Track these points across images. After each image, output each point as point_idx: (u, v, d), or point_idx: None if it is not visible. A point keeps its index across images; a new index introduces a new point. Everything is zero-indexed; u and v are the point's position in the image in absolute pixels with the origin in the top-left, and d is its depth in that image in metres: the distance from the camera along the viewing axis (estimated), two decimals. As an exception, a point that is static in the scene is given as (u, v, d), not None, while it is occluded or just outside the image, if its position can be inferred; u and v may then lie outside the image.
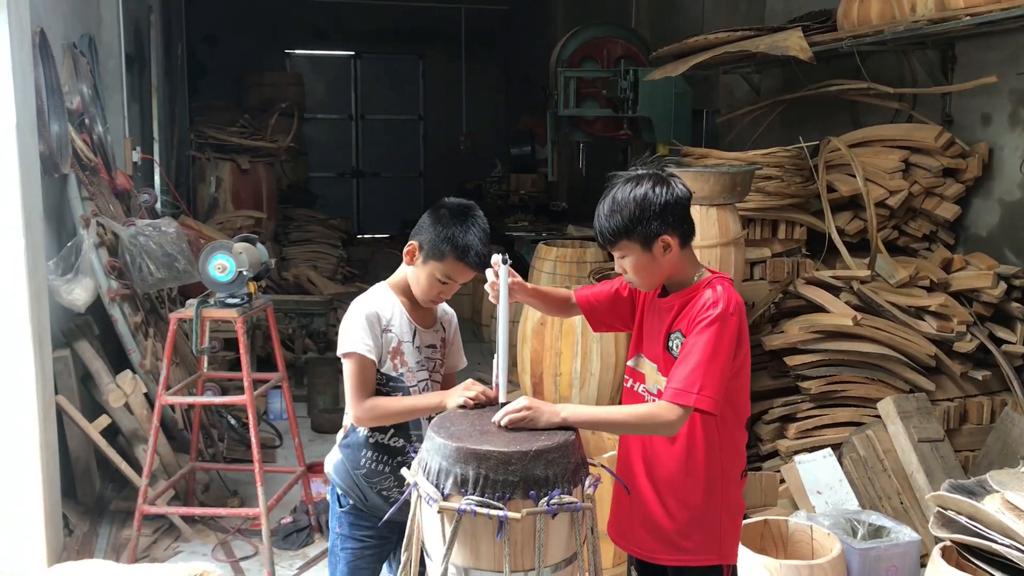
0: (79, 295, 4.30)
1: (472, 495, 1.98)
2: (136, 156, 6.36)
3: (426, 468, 2.09)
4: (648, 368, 2.34)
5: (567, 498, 2.01)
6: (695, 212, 2.30)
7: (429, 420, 2.51)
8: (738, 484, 2.37)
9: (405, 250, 2.51)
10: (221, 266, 3.99)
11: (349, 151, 14.29)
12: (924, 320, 4.19)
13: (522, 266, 6.16)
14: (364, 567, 2.61)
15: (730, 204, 4.07)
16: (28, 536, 3.62)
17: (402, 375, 2.51)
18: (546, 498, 1.99)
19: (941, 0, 4.20)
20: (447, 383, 2.67)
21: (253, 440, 3.94)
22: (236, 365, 4.99)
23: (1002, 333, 4.23)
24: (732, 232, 4.05)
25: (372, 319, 2.47)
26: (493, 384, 2.32)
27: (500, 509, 1.96)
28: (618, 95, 6.69)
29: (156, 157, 7.55)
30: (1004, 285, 4.24)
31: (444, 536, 2.01)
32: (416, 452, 2.44)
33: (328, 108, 13.81)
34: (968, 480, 2.90)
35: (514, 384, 5.00)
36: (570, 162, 9.30)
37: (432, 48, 14.14)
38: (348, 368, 2.45)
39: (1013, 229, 4.47)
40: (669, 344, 2.26)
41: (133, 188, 5.73)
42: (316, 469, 4.63)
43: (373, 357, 2.45)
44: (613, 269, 2.38)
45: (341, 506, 2.60)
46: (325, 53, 13.97)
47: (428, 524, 2.09)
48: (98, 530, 4.24)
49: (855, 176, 4.57)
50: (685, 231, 2.24)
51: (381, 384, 2.51)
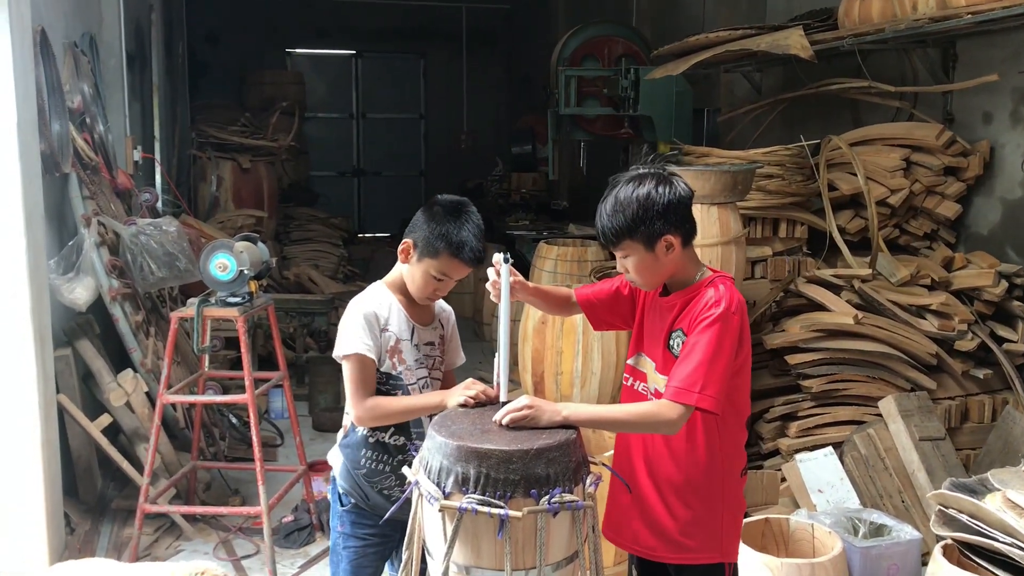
0: (80, 294, 4.30)
1: (473, 494, 1.98)
2: (137, 155, 6.36)
3: (427, 467, 2.09)
4: (649, 367, 2.34)
5: (568, 497, 2.01)
6: (696, 211, 2.30)
7: (430, 418, 2.51)
8: (739, 482, 2.37)
9: (400, 248, 2.50)
10: (222, 265, 3.99)
11: (350, 150, 14.28)
12: (925, 319, 4.19)
13: (523, 265, 6.15)
14: (366, 566, 2.60)
15: (731, 203, 4.07)
16: (30, 535, 3.62)
17: (401, 373, 2.51)
18: (547, 497, 1.99)
19: (942, -2, 4.20)
20: (446, 380, 2.67)
21: (254, 439, 3.94)
22: (237, 364, 4.99)
23: (1003, 331, 4.23)
24: (733, 231, 4.05)
25: (370, 319, 2.47)
26: (494, 383, 2.32)
27: (501, 508, 1.96)
28: (619, 94, 6.69)
29: (157, 156, 7.55)
30: (1005, 283, 4.24)
31: (445, 535, 2.01)
32: (417, 451, 2.45)
33: (329, 107, 13.80)
34: (969, 479, 2.90)
35: (515, 383, 5.00)
36: (571, 161, 9.31)
37: (433, 47, 14.13)
38: (348, 369, 2.45)
39: (1014, 227, 4.47)
40: (670, 343, 2.26)
41: (134, 187, 5.73)
42: (317, 468, 4.64)
43: (373, 356, 2.45)
44: (614, 268, 2.38)
45: (343, 505, 2.60)
46: (326, 52, 13.96)
47: (429, 523, 2.09)
48: (100, 529, 4.24)
49: (856, 175, 4.57)
50: (687, 230, 2.24)
51: (380, 383, 2.50)
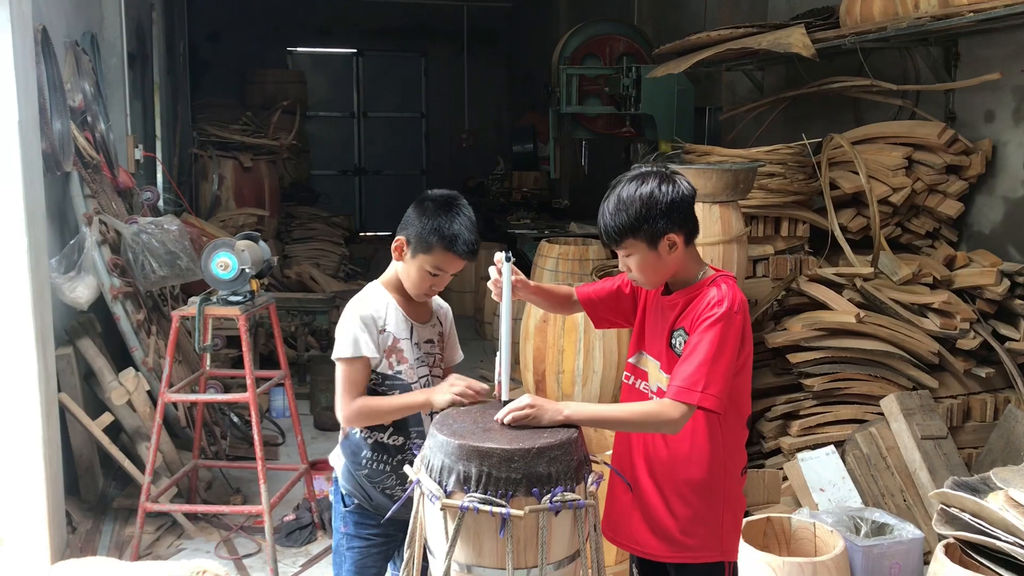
0: (82, 293, 4.30)
1: (475, 492, 1.98)
2: (138, 154, 6.36)
3: (429, 465, 2.08)
4: (650, 365, 2.33)
5: (570, 495, 2.01)
6: (698, 209, 2.30)
7: (431, 417, 2.51)
8: (739, 481, 2.37)
9: (393, 246, 2.50)
10: (223, 264, 3.99)
11: (351, 149, 14.28)
12: (927, 317, 4.19)
13: (524, 264, 6.15)
14: (370, 566, 2.60)
15: (733, 201, 4.07)
16: (31, 533, 3.62)
17: (399, 373, 2.50)
18: (549, 495, 1.99)
19: (944, -4, 4.20)
20: (445, 378, 2.66)
21: (256, 438, 3.94)
22: (239, 363, 5.00)
23: (1005, 330, 4.22)
24: (735, 229, 4.04)
25: (368, 321, 2.46)
26: (495, 382, 2.32)
27: (503, 506, 1.96)
28: (620, 92, 6.68)
29: (158, 155, 7.55)
30: (1007, 282, 4.23)
31: (447, 533, 2.01)
32: (417, 450, 2.44)
33: (330, 106, 13.80)
34: (971, 477, 2.90)
35: (516, 381, 5.00)
36: (572, 159, 9.30)
37: (434, 45, 14.13)
38: (341, 370, 2.46)
39: (1016, 226, 4.46)
40: (672, 342, 2.25)
41: (135, 186, 5.74)
42: (319, 466, 4.64)
43: (370, 355, 2.45)
44: (615, 267, 2.38)
45: (346, 505, 2.59)
46: (327, 51, 13.96)
47: (431, 521, 2.09)
48: (101, 528, 4.25)
49: (858, 173, 4.57)
50: (690, 229, 2.24)
51: (377, 383, 2.50)
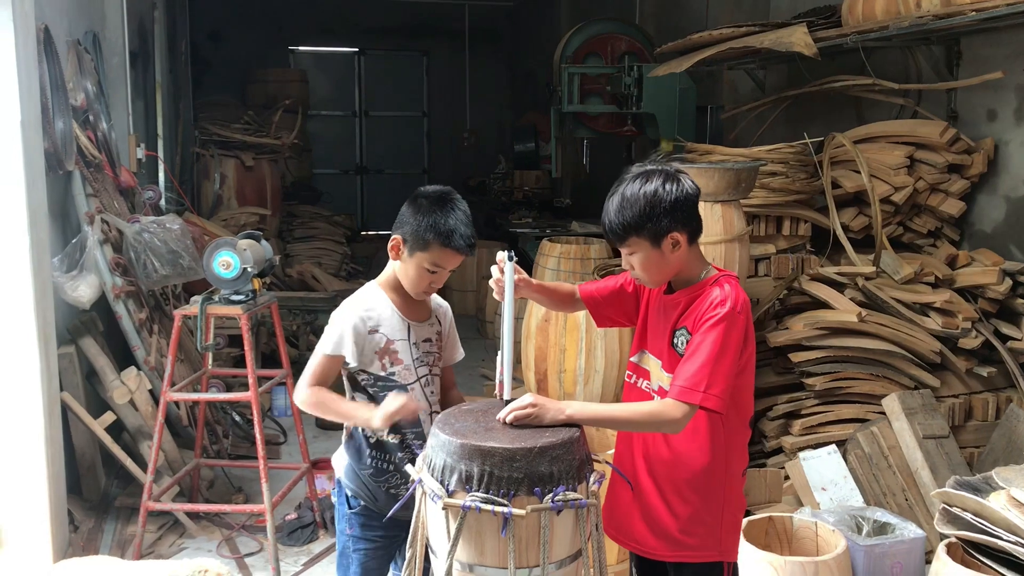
0: (84, 292, 4.30)
1: (477, 492, 1.98)
2: (140, 153, 6.37)
3: (431, 464, 2.08)
4: (652, 364, 2.33)
5: (572, 495, 2.01)
6: (699, 208, 2.29)
7: (431, 417, 2.51)
8: (740, 482, 2.37)
9: (389, 245, 2.49)
10: (225, 263, 3.99)
11: (353, 148, 14.29)
12: (929, 316, 4.18)
13: (526, 263, 6.14)
14: (376, 568, 2.59)
15: (734, 200, 4.07)
16: (34, 532, 3.63)
17: (393, 374, 2.49)
18: (551, 495, 1.99)
19: (946, -5, 4.19)
20: (445, 377, 2.66)
21: (258, 436, 3.95)
22: (241, 361, 5.01)
23: (1007, 329, 4.22)
24: (736, 228, 4.04)
25: (357, 324, 2.46)
26: (496, 381, 2.32)
27: (505, 506, 1.96)
28: (622, 91, 6.68)
29: (160, 154, 7.56)
30: (1009, 281, 4.23)
31: (449, 533, 2.01)
32: (419, 449, 2.44)
33: (332, 105, 13.80)
34: (973, 477, 2.90)
35: (518, 381, 5.01)
36: (574, 158, 9.31)
37: (436, 44, 14.13)
38: (317, 359, 2.48)
39: (1018, 225, 4.46)
40: (674, 341, 2.25)
41: (137, 185, 5.74)
42: (320, 465, 4.64)
43: (348, 359, 2.46)
44: (617, 266, 2.38)
45: (351, 507, 2.57)
46: (329, 50, 13.96)
47: (433, 521, 2.09)
48: (103, 526, 4.25)
49: (860, 172, 4.56)
50: (694, 228, 2.24)
51: (370, 384, 2.49)
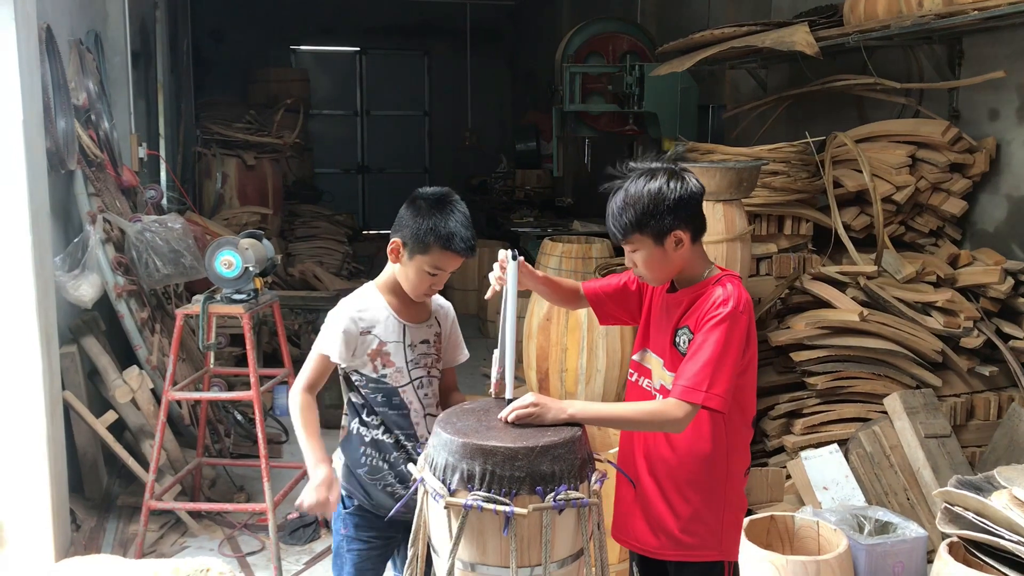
0: (86, 291, 4.31)
1: (478, 491, 1.98)
2: (142, 152, 6.37)
3: (432, 463, 2.09)
4: (654, 363, 2.33)
5: (573, 494, 2.01)
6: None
7: (427, 419, 2.51)
8: (741, 481, 2.36)
9: (389, 248, 2.47)
10: (227, 262, 3.99)
11: (354, 147, 14.29)
12: (931, 316, 4.18)
13: (528, 262, 6.14)
14: (369, 568, 2.59)
15: (736, 200, 4.07)
16: (36, 531, 3.63)
17: (384, 376, 2.48)
18: (552, 494, 1.99)
19: (948, -6, 4.19)
20: (446, 378, 2.65)
21: (259, 436, 3.95)
22: (242, 361, 5.01)
23: (1009, 329, 4.22)
24: (738, 228, 4.04)
25: (350, 327, 2.46)
26: (493, 379, 2.32)
27: (506, 505, 1.96)
28: (624, 90, 6.68)
29: (162, 153, 7.57)
30: (1011, 281, 4.23)
31: (451, 532, 2.01)
32: (415, 449, 2.46)
33: (334, 104, 13.80)
34: (975, 476, 2.90)
35: (520, 380, 5.00)
36: (576, 157, 9.31)
37: (438, 44, 14.13)
38: (312, 358, 2.49)
39: (1020, 224, 4.45)
40: (676, 340, 2.25)
41: (139, 184, 5.75)
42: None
43: (338, 360, 2.47)
44: (619, 265, 2.38)
45: (346, 507, 2.58)
46: (331, 49, 13.97)
47: (434, 520, 2.09)
48: (105, 525, 4.26)
49: (861, 171, 4.56)
50: (697, 227, 2.23)
51: (362, 385, 2.49)
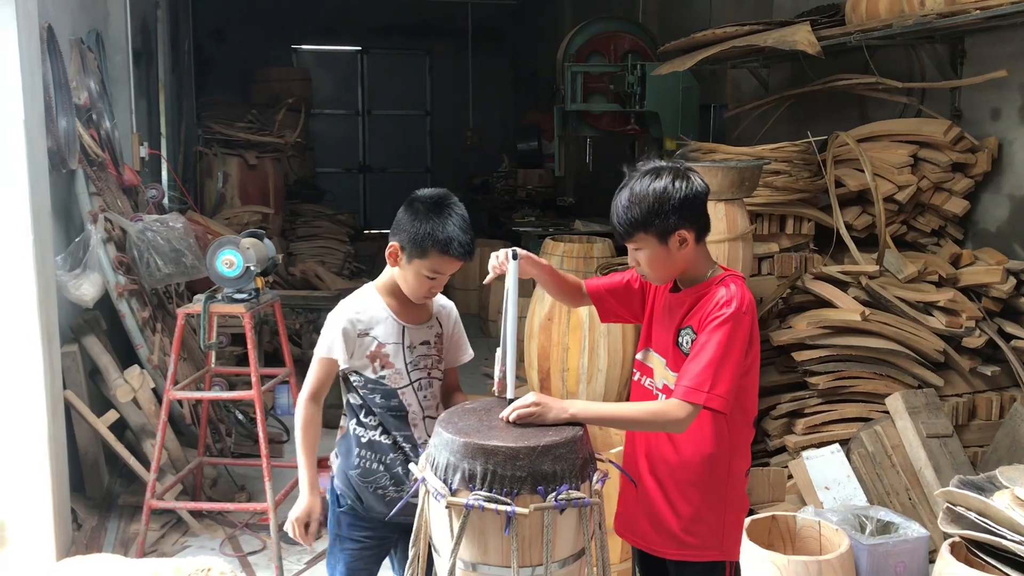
0: (87, 290, 4.31)
1: (480, 490, 1.98)
2: (143, 152, 6.37)
3: (434, 463, 2.08)
4: (656, 363, 2.33)
5: (575, 493, 2.01)
6: (704, 207, 2.29)
7: (426, 421, 2.51)
8: (743, 482, 2.36)
9: (387, 252, 2.46)
10: (228, 261, 3.99)
11: (356, 147, 14.30)
12: (933, 315, 4.18)
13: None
14: (362, 568, 2.59)
15: (738, 199, 4.06)
16: (37, 530, 3.63)
17: (383, 378, 2.48)
18: (554, 493, 1.99)
19: (950, -6, 4.18)
20: (448, 378, 2.65)
21: (261, 435, 3.95)
22: (244, 360, 5.00)
23: (1011, 328, 4.21)
24: (740, 227, 4.04)
25: (347, 328, 2.46)
26: (496, 379, 2.31)
27: (508, 504, 1.96)
28: (625, 90, 6.67)
29: (163, 153, 7.57)
30: (1013, 280, 4.22)
31: (452, 531, 2.01)
32: (412, 452, 2.46)
33: (335, 103, 13.81)
34: (977, 476, 2.89)
35: (521, 379, 5.00)
36: (577, 157, 9.30)
37: (439, 43, 14.13)
38: (314, 363, 2.51)
39: (1022, 224, 4.44)
40: (679, 340, 2.24)
41: (140, 184, 5.75)
42: (323, 464, 4.64)
43: (340, 363, 2.47)
44: (620, 265, 2.37)
45: (340, 506, 2.59)
46: (332, 48, 13.97)
47: (436, 519, 2.09)
48: (106, 525, 4.26)
49: (863, 171, 4.56)
50: (702, 226, 2.23)
51: (360, 386, 2.49)
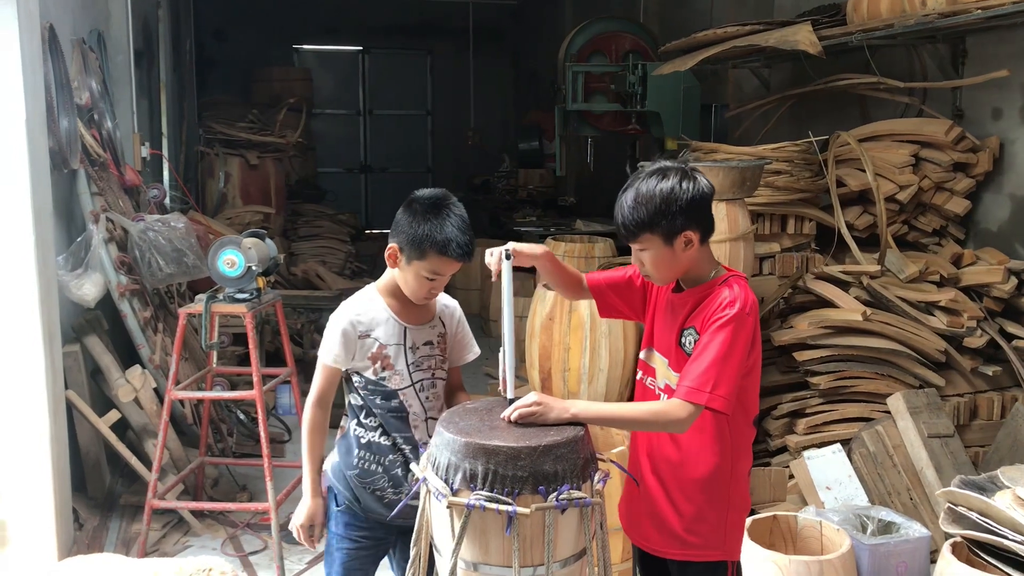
0: (89, 290, 4.31)
1: (481, 490, 1.98)
2: (145, 151, 6.38)
3: (435, 463, 2.09)
4: (659, 362, 2.33)
5: (576, 493, 2.01)
6: (706, 207, 2.28)
7: (427, 423, 2.51)
8: (745, 482, 2.36)
9: (387, 254, 2.46)
10: (230, 261, 3.99)
11: (357, 146, 14.31)
12: (934, 315, 4.18)
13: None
14: (358, 568, 2.59)
15: (739, 199, 4.06)
16: (38, 530, 3.64)
17: (383, 379, 2.48)
18: (555, 493, 1.99)
19: (952, -7, 4.18)
20: (452, 376, 2.65)
21: (262, 435, 3.95)
22: (245, 360, 5.01)
23: (1012, 328, 4.21)
24: (741, 227, 4.04)
25: (347, 330, 2.46)
26: (501, 378, 2.32)
27: (509, 504, 1.96)
28: (627, 90, 6.67)
29: (165, 152, 7.57)
30: (1015, 280, 4.22)
31: (453, 531, 2.01)
32: (412, 453, 2.46)
33: (336, 103, 13.81)
34: (978, 476, 2.89)
35: (522, 379, 5.00)
36: (578, 157, 9.31)
37: (440, 43, 14.13)
38: (318, 370, 2.53)
39: (1024, 224, 4.45)
40: (682, 340, 2.24)
41: (142, 183, 5.75)
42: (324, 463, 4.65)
43: (339, 367, 2.49)
44: (622, 264, 2.37)
45: (337, 505, 2.59)
46: (333, 48, 13.98)
47: (437, 519, 2.09)
48: (108, 524, 4.26)
49: (865, 171, 4.56)
50: (707, 227, 2.22)
51: (362, 387, 2.50)
